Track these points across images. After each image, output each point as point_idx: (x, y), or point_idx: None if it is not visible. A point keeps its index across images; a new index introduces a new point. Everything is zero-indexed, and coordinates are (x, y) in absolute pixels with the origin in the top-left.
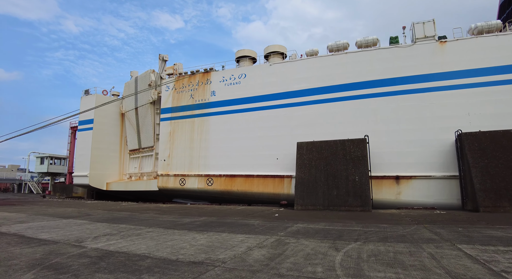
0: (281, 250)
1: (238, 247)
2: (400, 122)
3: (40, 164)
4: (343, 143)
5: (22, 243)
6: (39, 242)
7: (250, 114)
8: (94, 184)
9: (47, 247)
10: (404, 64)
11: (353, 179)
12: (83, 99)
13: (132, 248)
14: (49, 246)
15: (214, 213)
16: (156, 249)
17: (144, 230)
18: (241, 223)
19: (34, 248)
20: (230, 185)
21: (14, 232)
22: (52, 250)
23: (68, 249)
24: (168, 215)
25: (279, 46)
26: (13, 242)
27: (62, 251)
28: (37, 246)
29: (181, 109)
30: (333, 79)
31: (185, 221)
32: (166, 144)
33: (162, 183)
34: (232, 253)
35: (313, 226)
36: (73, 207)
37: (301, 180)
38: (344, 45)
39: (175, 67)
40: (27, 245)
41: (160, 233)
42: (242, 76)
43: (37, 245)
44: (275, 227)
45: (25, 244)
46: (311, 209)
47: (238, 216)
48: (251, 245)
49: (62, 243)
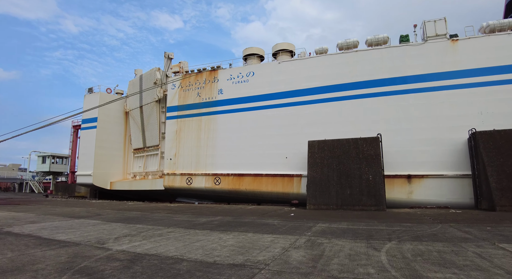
0: (318, 250)
1: (272, 248)
2: (412, 120)
3: (41, 163)
4: (356, 141)
5: (41, 245)
6: (59, 243)
7: (259, 113)
8: (98, 183)
9: (70, 249)
10: (415, 62)
11: (366, 178)
12: (86, 97)
13: (161, 250)
14: (71, 248)
15: (226, 212)
16: (186, 250)
17: (163, 230)
18: (261, 222)
19: (56, 250)
20: (238, 184)
21: (28, 233)
22: (76, 252)
23: (92, 252)
24: (181, 215)
25: (288, 44)
26: (31, 244)
27: (87, 254)
28: (58, 248)
29: (187, 107)
30: (343, 77)
31: (202, 221)
32: (172, 143)
33: (169, 182)
34: (269, 254)
35: (336, 226)
36: (80, 206)
37: (313, 179)
38: (354, 43)
39: (181, 65)
40: (48, 247)
41: (182, 234)
42: (250, 74)
43: (58, 247)
44: (297, 227)
45: (44, 246)
46: (324, 208)
47: (254, 216)
48: (284, 246)
49: (83, 245)
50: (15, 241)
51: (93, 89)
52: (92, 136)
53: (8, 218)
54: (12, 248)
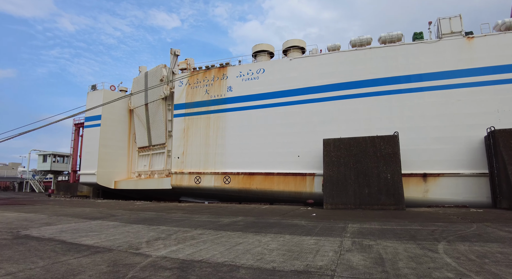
0: (374, 253)
1: (323, 251)
2: (427, 118)
3: (42, 162)
4: (373, 139)
5: (70, 251)
6: (88, 249)
7: (269, 110)
8: (102, 182)
9: (105, 256)
10: (430, 60)
11: (384, 177)
12: (90, 94)
13: (206, 256)
14: (105, 254)
15: (244, 212)
16: (234, 255)
17: (192, 232)
18: (288, 223)
19: (90, 257)
20: (248, 183)
21: (49, 236)
22: (114, 259)
23: (131, 258)
24: (200, 215)
25: (299, 41)
26: (58, 250)
27: (127, 261)
28: (91, 254)
29: (195, 105)
30: (356, 75)
31: (226, 221)
32: (180, 141)
33: (176, 181)
34: (326, 259)
35: (368, 226)
36: (88, 206)
37: (330, 178)
38: (368, 40)
39: (188, 62)
40: (79, 253)
41: (215, 236)
42: (260, 71)
43: (90, 253)
44: (330, 228)
45: (74, 252)
46: (341, 208)
47: (275, 216)
48: (334, 249)
49: (117, 250)
50: (39, 246)
51: (96, 86)
52: (96, 134)
53: (20, 219)
54: (41, 255)
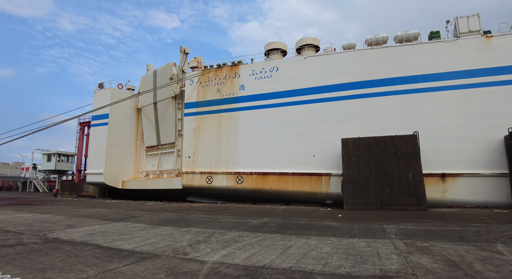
0: (438, 255)
1: (385, 254)
2: (445, 118)
3: (47, 161)
4: (393, 139)
5: (113, 257)
6: (132, 255)
7: (283, 109)
8: (110, 182)
9: (156, 263)
10: (448, 59)
11: (406, 177)
12: (97, 93)
13: (265, 261)
14: (155, 261)
15: (265, 213)
16: (295, 260)
17: (230, 234)
18: (321, 225)
19: (140, 264)
20: (262, 183)
21: (80, 240)
22: (168, 267)
23: (187, 265)
24: (223, 216)
25: (313, 39)
26: (100, 255)
27: (185, 269)
28: (138, 261)
29: (207, 103)
30: (372, 74)
31: (255, 223)
32: (190, 140)
33: (187, 181)
34: (396, 262)
35: (405, 227)
36: (101, 207)
37: (350, 179)
38: (384, 39)
39: (198, 60)
40: (125, 260)
41: (257, 238)
42: (273, 69)
43: (137, 259)
44: (367, 229)
45: (119, 258)
46: (362, 208)
47: (301, 217)
48: (393, 251)
49: (164, 256)
50: (77, 251)
51: (103, 84)
52: (103, 133)
53: (39, 221)
54: (85, 262)
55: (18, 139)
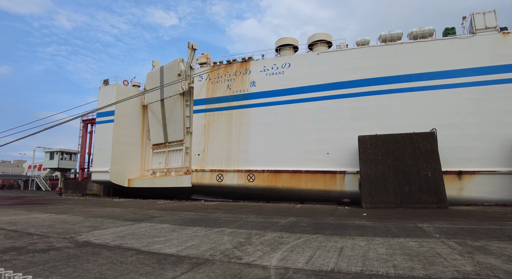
0: (505, 256)
1: (446, 254)
2: (462, 115)
3: (49, 160)
4: (411, 136)
5: (161, 263)
6: (181, 260)
7: (296, 106)
8: (116, 180)
9: (216, 270)
10: (464, 55)
11: (425, 175)
12: (102, 89)
13: (330, 265)
14: (212, 267)
15: (286, 212)
16: (360, 263)
17: (270, 235)
18: (352, 224)
19: (199, 272)
20: (274, 181)
21: (113, 243)
22: (233, 274)
23: (251, 271)
24: (246, 215)
25: (326, 35)
26: (147, 261)
27: (251, 276)
28: (194, 268)
29: (216, 100)
30: (387, 70)
31: (283, 222)
32: (200, 138)
33: (197, 179)
34: (465, 263)
35: (440, 226)
36: (112, 206)
37: (368, 176)
38: (398, 35)
39: (207, 56)
40: (178, 267)
41: (301, 240)
42: (285, 65)
43: (191, 266)
44: (403, 228)
45: (169, 265)
46: (382, 207)
47: (325, 216)
48: (450, 251)
49: (219, 261)
50: (118, 256)
51: (109, 81)
52: (109, 131)
53: (58, 221)
54: (136, 270)
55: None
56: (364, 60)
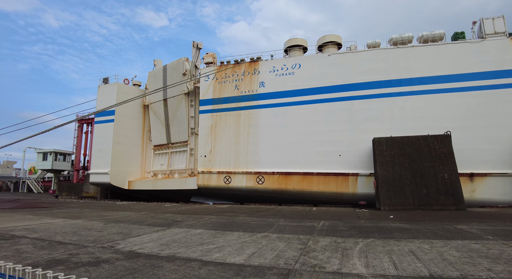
0: None
1: None
2: (473, 118)
3: (42, 160)
4: (426, 139)
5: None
6: (259, 271)
7: (307, 107)
8: (115, 182)
9: None
10: (474, 59)
11: (442, 177)
12: (101, 88)
13: (424, 271)
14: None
15: (309, 215)
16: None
17: (324, 241)
18: (393, 227)
19: None
20: (284, 183)
21: (164, 254)
22: None
23: None
24: (273, 219)
25: (336, 36)
26: (222, 274)
27: None
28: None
29: (224, 100)
30: (398, 73)
31: (321, 226)
32: (206, 139)
33: (203, 181)
34: None
35: (482, 227)
36: (122, 210)
37: (385, 179)
38: (409, 38)
39: (214, 56)
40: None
41: (362, 244)
42: (296, 66)
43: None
44: (448, 230)
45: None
46: (400, 209)
47: (353, 219)
48: None
49: (305, 272)
50: (185, 269)
51: (108, 79)
52: (109, 131)
53: (80, 228)
54: None
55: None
56: (376, 62)
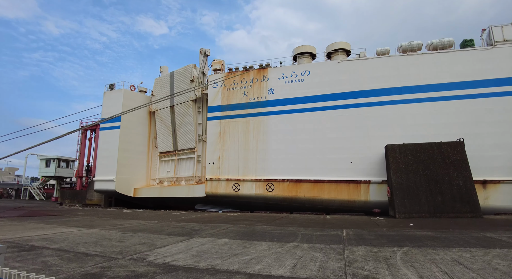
0: None
1: None
2: (484, 125)
3: (45, 167)
4: (439, 145)
5: None
6: None
7: (317, 114)
8: (121, 190)
9: None
10: (484, 67)
11: (457, 184)
12: (107, 94)
13: None
14: None
15: (326, 224)
16: None
17: (358, 251)
18: (421, 235)
19: None
20: (295, 191)
21: (201, 266)
22: None
23: None
24: (293, 227)
25: (345, 43)
26: None
27: None
28: None
29: (232, 107)
30: (408, 80)
31: (344, 236)
32: (215, 146)
33: (212, 189)
34: None
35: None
36: (133, 218)
37: (400, 186)
38: (419, 46)
39: (222, 62)
40: None
41: (401, 252)
42: (305, 73)
43: None
44: (481, 238)
45: None
46: (416, 216)
47: (374, 227)
48: None
49: None
50: None
51: (114, 85)
52: (115, 137)
53: (99, 237)
54: None
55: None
56: (385, 69)
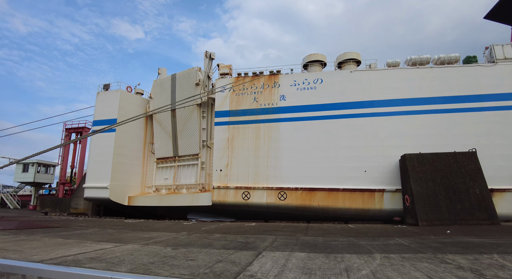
0: None
1: None
2: (491, 137)
3: (22, 172)
4: (454, 155)
5: None
6: None
7: (330, 122)
8: (115, 198)
9: None
10: (489, 82)
11: (474, 192)
12: (100, 95)
13: None
14: None
15: (351, 233)
16: None
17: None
18: (468, 241)
19: None
20: (308, 199)
21: None
22: None
23: None
24: (323, 237)
25: (356, 54)
26: None
27: None
28: None
29: (242, 113)
30: (419, 92)
31: (402, 243)
32: (222, 152)
33: (219, 197)
34: None
35: None
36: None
37: (420, 194)
38: (427, 59)
39: (230, 67)
40: None
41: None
42: (317, 81)
43: None
44: None
45: None
46: (438, 224)
47: (412, 235)
48: None
49: None
50: None
51: (109, 86)
52: (109, 141)
53: (154, 255)
54: None
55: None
56: (396, 80)
